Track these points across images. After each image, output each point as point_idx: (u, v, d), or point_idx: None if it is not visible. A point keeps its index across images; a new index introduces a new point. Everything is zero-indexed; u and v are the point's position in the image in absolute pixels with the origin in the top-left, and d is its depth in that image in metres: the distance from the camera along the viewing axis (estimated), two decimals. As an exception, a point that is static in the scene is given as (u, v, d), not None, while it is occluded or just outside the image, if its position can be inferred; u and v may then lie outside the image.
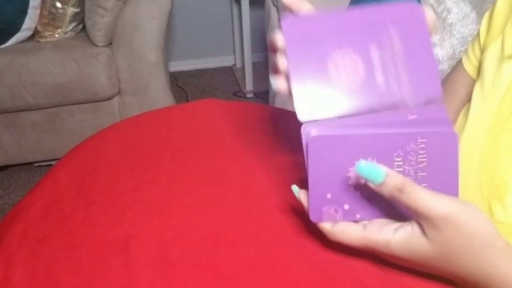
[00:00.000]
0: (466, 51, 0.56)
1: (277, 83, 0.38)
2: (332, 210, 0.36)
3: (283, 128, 0.62)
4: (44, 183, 0.53)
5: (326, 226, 0.36)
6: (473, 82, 0.52)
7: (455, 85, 0.56)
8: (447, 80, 0.58)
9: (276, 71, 0.38)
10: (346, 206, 0.36)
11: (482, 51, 0.51)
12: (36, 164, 1.77)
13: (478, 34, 0.53)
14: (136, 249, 0.41)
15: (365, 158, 0.35)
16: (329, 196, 0.36)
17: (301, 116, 0.36)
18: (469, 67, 0.54)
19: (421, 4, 0.39)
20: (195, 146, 0.57)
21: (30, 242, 0.44)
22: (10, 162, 1.69)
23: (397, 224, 0.34)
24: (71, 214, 0.47)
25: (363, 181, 0.35)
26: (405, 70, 0.37)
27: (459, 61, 0.57)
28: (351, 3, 1.25)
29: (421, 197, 0.31)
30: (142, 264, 0.40)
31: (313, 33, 0.38)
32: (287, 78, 0.37)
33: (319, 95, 0.37)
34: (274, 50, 0.38)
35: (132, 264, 0.40)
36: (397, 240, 0.33)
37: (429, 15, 0.38)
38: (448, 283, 0.36)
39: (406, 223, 0.34)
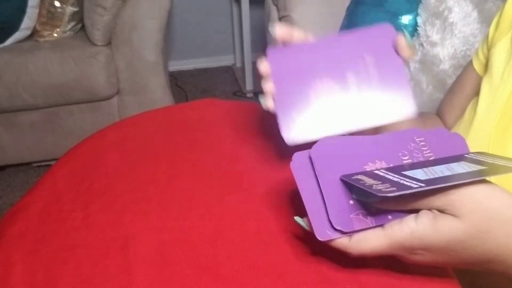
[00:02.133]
0: (476, 50, 0.57)
1: (266, 102, 0.43)
2: (361, 216, 0.34)
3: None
4: (42, 183, 0.53)
5: (342, 241, 0.33)
6: (479, 79, 0.52)
7: (463, 83, 0.58)
8: (457, 79, 0.60)
9: (264, 92, 0.43)
10: (374, 209, 0.34)
11: (490, 47, 0.52)
12: (35, 164, 1.77)
13: (487, 35, 0.54)
14: (135, 249, 0.41)
15: (373, 161, 0.35)
16: (351, 202, 0.34)
17: (288, 140, 0.40)
18: (477, 64, 0.55)
19: (394, 27, 0.43)
20: (194, 146, 0.57)
21: (29, 242, 0.43)
22: (8, 162, 1.69)
23: (415, 214, 0.32)
24: (70, 214, 0.46)
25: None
26: (380, 91, 0.41)
27: (470, 61, 0.58)
28: (351, 4, 1.25)
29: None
30: (141, 264, 0.39)
31: (295, 64, 0.42)
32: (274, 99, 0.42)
33: (302, 120, 0.40)
34: (261, 76, 0.42)
35: (131, 264, 0.39)
36: (421, 227, 0.31)
37: (401, 40, 0.41)
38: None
39: (424, 210, 0.32)
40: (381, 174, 0.33)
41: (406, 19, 1.06)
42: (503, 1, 0.56)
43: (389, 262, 0.36)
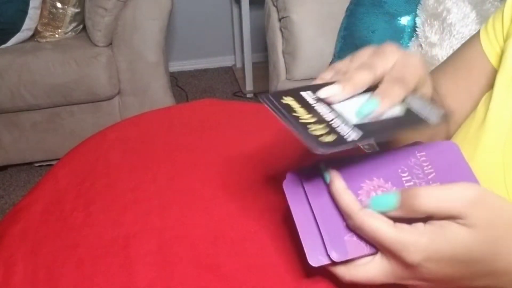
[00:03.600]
0: (486, 33, 0.50)
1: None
2: (355, 238, 0.32)
3: (283, 128, 0.62)
4: (44, 183, 0.53)
5: (340, 269, 0.32)
6: (493, 69, 0.48)
7: (471, 64, 0.51)
8: (460, 55, 0.54)
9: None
10: None
11: (506, 39, 0.48)
12: (37, 164, 1.77)
13: (501, 19, 0.48)
14: (136, 249, 0.41)
15: (371, 179, 0.33)
16: (345, 224, 0.32)
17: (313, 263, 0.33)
18: (491, 53, 0.49)
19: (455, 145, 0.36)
20: (195, 146, 0.57)
21: (30, 242, 0.44)
22: (10, 162, 1.69)
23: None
24: (71, 213, 0.47)
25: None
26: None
27: (475, 38, 0.51)
28: (350, 4, 1.25)
29: (437, 196, 0.28)
30: (142, 263, 0.40)
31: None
32: None
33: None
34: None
35: (132, 264, 0.40)
36: (427, 237, 0.28)
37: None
38: None
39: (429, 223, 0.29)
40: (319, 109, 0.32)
41: (405, 20, 1.07)
42: (502, 2, 0.53)
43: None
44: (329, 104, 0.33)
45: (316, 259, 0.32)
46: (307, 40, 1.34)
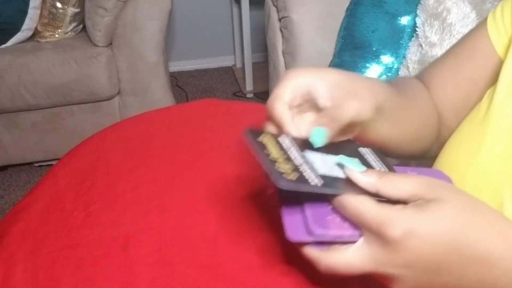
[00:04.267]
0: (494, 21, 0.47)
1: None
2: (339, 219, 0.31)
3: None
4: (44, 183, 0.53)
5: (314, 251, 0.31)
6: (499, 61, 0.46)
7: (475, 53, 0.48)
8: (466, 43, 0.51)
9: None
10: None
11: None
12: (36, 164, 1.77)
13: (511, 7, 0.46)
14: (136, 249, 0.41)
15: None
16: (331, 207, 0.32)
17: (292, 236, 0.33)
18: (498, 42, 0.47)
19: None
20: (195, 146, 0.57)
21: (30, 242, 0.44)
22: (10, 162, 1.69)
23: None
24: (71, 213, 0.47)
25: None
26: None
27: (482, 26, 0.49)
28: (350, 4, 1.25)
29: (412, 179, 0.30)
30: (142, 263, 0.40)
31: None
32: None
33: None
34: None
35: (132, 264, 0.40)
36: (410, 210, 0.28)
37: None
38: None
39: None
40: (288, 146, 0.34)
41: (405, 20, 1.07)
42: (501, 1, 0.52)
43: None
44: (302, 151, 0.34)
45: (295, 234, 0.31)
46: (307, 40, 1.34)
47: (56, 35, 1.62)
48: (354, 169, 0.32)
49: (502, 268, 0.29)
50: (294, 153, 0.33)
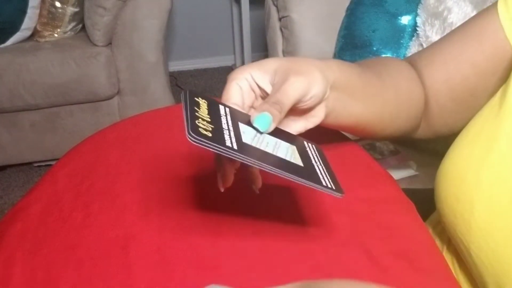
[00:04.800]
0: (506, 6, 0.45)
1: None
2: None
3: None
4: (43, 183, 0.53)
5: None
6: (507, 48, 0.44)
7: (483, 35, 0.46)
8: (474, 23, 0.49)
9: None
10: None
11: None
12: (35, 164, 1.77)
13: None
14: (135, 249, 0.41)
15: None
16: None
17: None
18: (509, 28, 0.45)
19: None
20: (195, 146, 0.57)
21: (29, 242, 0.43)
22: (9, 162, 1.69)
23: None
24: (70, 214, 0.47)
25: None
26: None
27: (491, 10, 0.47)
28: (350, 4, 1.25)
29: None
30: (142, 264, 0.40)
31: None
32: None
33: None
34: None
35: (132, 264, 0.40)
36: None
37: None
38: None
39: None
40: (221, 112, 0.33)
41: (405, 19, 1.07)
42: None
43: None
44: (236, 121, 0.34)
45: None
46: (307, 40, 1.34)
47: (55, 35, 1.62)
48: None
49: None
50: (225, 119, 0.33)
